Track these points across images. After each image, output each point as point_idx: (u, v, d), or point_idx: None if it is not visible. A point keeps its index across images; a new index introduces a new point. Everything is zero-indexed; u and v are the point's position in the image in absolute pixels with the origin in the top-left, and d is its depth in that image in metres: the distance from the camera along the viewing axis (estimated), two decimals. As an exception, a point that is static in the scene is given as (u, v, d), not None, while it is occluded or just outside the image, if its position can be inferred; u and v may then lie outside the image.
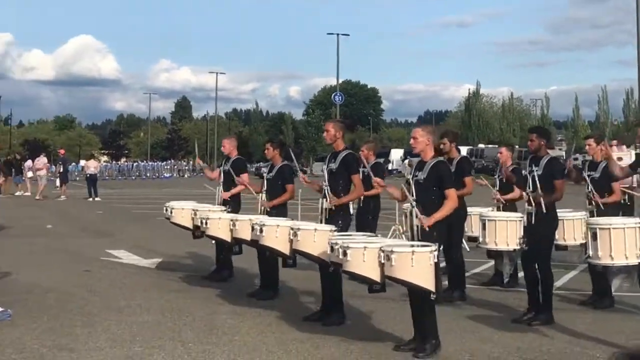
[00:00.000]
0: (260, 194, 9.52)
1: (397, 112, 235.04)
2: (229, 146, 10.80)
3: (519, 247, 8.55)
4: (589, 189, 9.18)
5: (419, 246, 6.48)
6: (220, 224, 9.16)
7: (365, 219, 10.60)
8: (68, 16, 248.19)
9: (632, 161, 8.45)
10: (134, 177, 66.61)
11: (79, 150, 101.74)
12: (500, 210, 9.89)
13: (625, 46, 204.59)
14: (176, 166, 76.08)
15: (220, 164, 11.28)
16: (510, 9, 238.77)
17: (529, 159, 8.32)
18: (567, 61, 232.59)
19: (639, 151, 11.09)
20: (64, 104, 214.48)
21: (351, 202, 10.42)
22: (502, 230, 9.01)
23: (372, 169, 10.91)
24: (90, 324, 7.80)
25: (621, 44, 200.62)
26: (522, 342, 7.27)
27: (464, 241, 10.68)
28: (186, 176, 69.64)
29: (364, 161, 9.18)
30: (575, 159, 57.27)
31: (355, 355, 6.75)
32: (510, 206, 9.98)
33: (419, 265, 6.29)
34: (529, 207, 8.05)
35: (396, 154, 67.41)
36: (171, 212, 10.67)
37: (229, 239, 9.04)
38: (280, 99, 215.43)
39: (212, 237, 9.52)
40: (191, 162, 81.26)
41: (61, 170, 33.34)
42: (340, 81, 72.12)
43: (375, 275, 6.53)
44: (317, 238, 7.41)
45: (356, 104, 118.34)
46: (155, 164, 77.20)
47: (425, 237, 6.73)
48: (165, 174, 70.40)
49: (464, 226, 9.82)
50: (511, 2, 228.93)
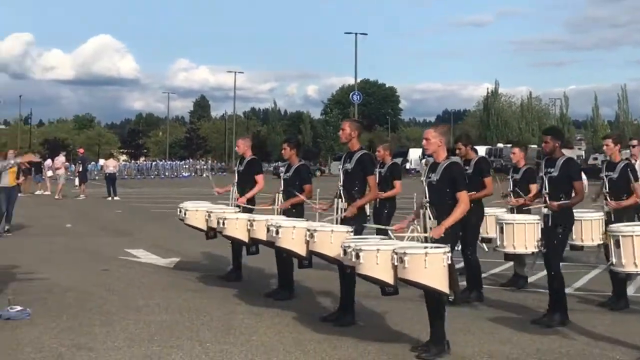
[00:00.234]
0: (278, 194, 9.48)
1: (415, 111, 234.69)
2: (243, 146, 10.77)
3: (537, 249, 8.47)
4: (606, 189, 9.09)
5: (432, 247, 6.45)
6: (237, 224, 9.15)
7: (381, 219, 10.56)
8: (87, 16, 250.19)
9: None
10: (152, 177, 66.96)
11: (98, 150, 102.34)
12: (515, 212, 9.80)
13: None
14: (195, 165, 76.33)
15: (236, 163, 11.27)
16: (527, 8, 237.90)
17: (544, 161, 8.26)
18: (585, 60, 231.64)
19: None
20: (83, 104, 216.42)
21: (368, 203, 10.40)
22: (520, 233, 8.94)
23: (389, 170, 10.93)
24: (109, 323, 7.83)
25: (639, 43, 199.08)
26: (541, 344, 7.22)
27: (483, 243, 10.62)
28: (204, 175, 69.86)
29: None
30: (595, 158, 57.16)
31: (372, 356, 6.73)
32: (526, 209, 9.89)
33: (432, 267, 6.25)
34: (546, 209, 8.00)
35: (414, 153, 67.27)
36: (185, 214, 10.68)
37: (246, 239, 9.04)
38: (298, 98, 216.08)
39: (229, 238, 9.51)
40: (209, 161, 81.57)
41: (80, 169, 33.54)
42: (358, 80, 72.13)
43: (389, 278, 6.49)
44: (334, 239, 7.37)
45: (374, 103, 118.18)
46: (174, 163, 77.51)
47: (439, 238, 6.69)
48: (184, 173, 70.69)
49: (480, 227, 9.75)
50: (528, 1, 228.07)
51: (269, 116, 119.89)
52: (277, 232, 7.94)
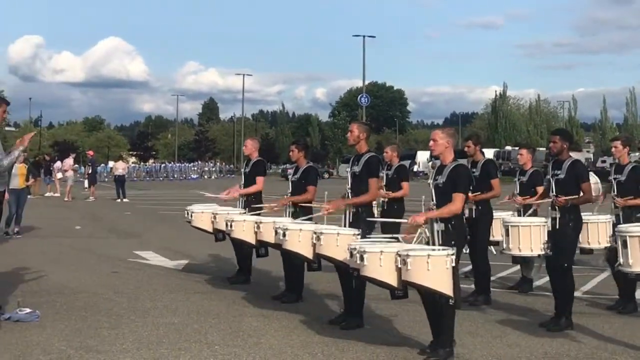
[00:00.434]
0: (286, 196, 9.48)
1: (423, 114, 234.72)
2: (250, 147, 10.79)
3: (543, 252, 8.44)
4: (614, 191, 9.06)
5: (436, 250, 6.43)
6: (245, 226, 9.15)
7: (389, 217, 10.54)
8: (97, 19, 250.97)
9: None
10: (161, 179, 67.07)
11: (108, 152, 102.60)
12: (521, 215, 9.78)
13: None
14: (203, 168, 76.37)
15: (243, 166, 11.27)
16: (535, 10, 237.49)
17: (551, 163, 8.25)
18: (594, 63, 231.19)
19: None
20: (93, 106, 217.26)
21: (376, 205, 10.38)
22: (526, 235, 8.91)
23: (396, 172, 10.91)
24: (117, 325, 7.85)
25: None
26: (549, 347, 7.21)
27: (491, 246, 10.59)
28: (213, 177, 69.93)
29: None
30: (604, 161, 56.99)
31: (381, 359, 6.73)
32: (532, 211, 9.86)
33: (435, 269, 6.23)
34: (553, 212, 7.98)
35: (422, 156, 67.14)
36: (191, 216, 10.70)
37: (253, 241, 9.03)
38: (307, 100, 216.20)
39: (237, 240, 9.50)
40: (217, 164, 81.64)
41: (90, 171, 33.65)
42: (366, 83, 72.08)
43: (393, 280, 6.47)
44: (340, 242, 7.36)
45: (382, 106, 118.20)
46: (183, 165, 77.62)
47: (445, 241, 6.68)
48: (192, 176, 70.79)
49: (490, 230, 9.73)
50: (536, 3, 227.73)
51: (277, 119, 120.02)
52: (284, 235, 7.94)
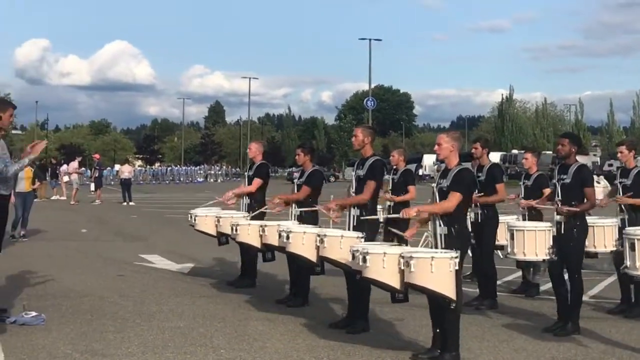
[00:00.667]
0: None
1: (429, 117, 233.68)
2: (255, 150, 10.79)
3: (548, 257, 8.40)
4: (620, 196, 9.01)
5: (440, 252, 6.40)
6: (250, 229, 9.13)
7: (397, 226, 10.51)
8: (103, 22, 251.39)
9: None
10: (167, 182, 67.15)
11: (114, 155, 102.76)
12: (526, 219, 9.74)
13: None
14: (210, 170, 76.46)
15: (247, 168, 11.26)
16: (541, 14, 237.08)
17: (557, 167, 8.21)
18: (601, 66, 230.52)
19: None
20: (99, 109, 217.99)
21: (381, 210, 10.34)
22: (531, 240, 8.86)
23: (402, 176, 10.88)
24: (123, 329, 7.84)
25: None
26: (556, 352, 7.18)
27: (497, 251, 10.55)
28: (219, 181, 69.98)
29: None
30: (610, 165, 56.85)
31: (386, 364, 6.72)
32: (537, 215, 9.83)
33: (438, 272, 6.21)
34: (558, 217, 7.95)
35: (429, 159, 67.14)
36: (195, 220, 10.68)
37: (258, 245, 9.02)
38: (313, 103, 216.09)
39: (242, 244, 9.48)
40: (224, 167, 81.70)
41: (97, 174, 33.72)
42: (372, 86, 72.03)
43: (395, 282, 6.45)
44: (344, 245, 7.34)
45: (388, 109, 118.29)
46: (189, 168, 77.71)
47: (448, 245, 6.66)
48: (198, 179, 70.89)
49: (496, 234, 9.70)
50: (543, 7, 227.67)
51: (283, 122, 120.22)
52: (287, 238, 7.92)
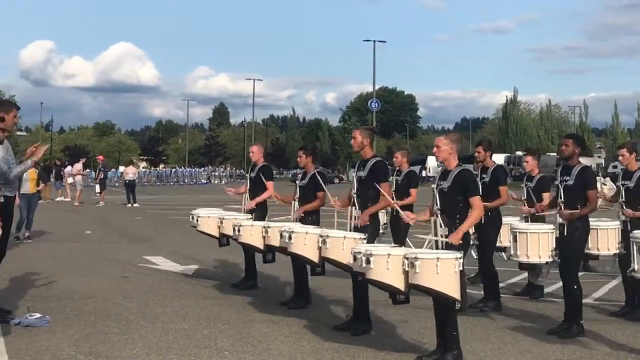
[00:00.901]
0: (294, 201, 9.46)
1: (433, 119, 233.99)
2: (257, 152, 10.79)
3: (551, 259, 8.38)
4: (623, 198, 8.99)
5: (444, 253, 6.39)
6: (252, 231, 9.12)
7: (399, 228, 10.52)
8: (108, 24, 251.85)
9: None
10: (172, 183, 67.25)
11: (118, 157, 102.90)
12: (529, 222, 9.72)
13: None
14: (214, 172, 76.49)
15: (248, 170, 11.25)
16: (545, 15, 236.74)
17: (560, 169, 8.20)
18: (605, 68, 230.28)
19: None
20: (103, 111, 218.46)
21: (384, 211, 10.35)
22: (534, 242, 8.84)
23: (405, 178, 10.87)
24: (127, 330, 7.84)
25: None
26: (561, 354, 7.16)
27: (501, 252, 10.55)
28: (223, 182, 70.01)
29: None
30: (615, 166, 56.73)
31: (391, 366, 6.70)
32: (539, 217, 9.82)
33: (443, 272, 6.20)
34: (561, 219, 7.93)
35: (433, 161, 67.06)
36: (197, 221, 10.67)
37: (261, 246, 9.01)
38: (317, 105, 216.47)
39: (245, 245, 9.48)
40: (228, 168, 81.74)
41: (102, 176, 33.75)
42: (376, 88, 72.10)
43: (399, 284, 6.43)
44: (346, 246, 7.31)
45: (393, 111, 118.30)
46: (193, 170, 77.78)
47: (449, 246, 6.65)
48: (202, 180, 70.96)
49: (498, 236, 9.69)
50: (546, 8, 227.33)
51: (287, 123, 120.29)
52: (289, 238, 7.91)
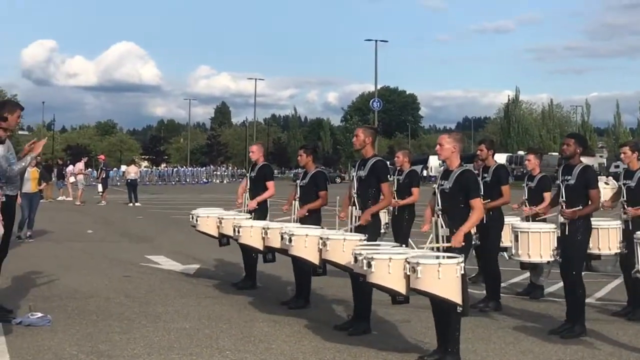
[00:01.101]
0: (294, 201, 9.44)
1: (435, 118, 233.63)
2: (257, 152, 10.77)
3: (552, 259, 8.36)
4: (624, 197, 8.96)
5: (446, 258, 6.38)
6: (252, 232, 9.08)
7: (400, 227, 10.52)
8: (110, 23, 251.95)
9: None
10: (173, 183, 67.22)
11: (120, 156, 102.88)
12: (530, 221, 9.70)
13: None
14: (215, 171, 76.49)
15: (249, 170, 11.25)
16: (546, 15, 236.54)
17: (561, 168, 8.18)
18: (607, 68, 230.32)
19: None
20: (105, 110, 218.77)
21: (386, 211, 10.32)
22: (536, 242, 8.82)
23: (407, 177, 10.85)
24: (128, 330, 7.83)
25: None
26: (563, 354, 7.15)
27: (503, 252, 10.52)
28: (225, 182, 70.02)
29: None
30: (617, 166, 56.69)
31: (392, 366, 6.69)
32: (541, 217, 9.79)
33: (445, 278, 6.17)
34: (563, 218, 7.91)
35: (434, 160, 67.03)
36: (197, 221, 10.65)
37: (261, 247, 8.99)
38: (319, 105, 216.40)
39: (244, 246, 9.46)
40: (230, 168, 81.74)
41: (104, 175, 33.75)
42: (378, 87, 72.03)
43: (401, 287, 6.41)
44: (346, 247, 7.28)
45: (394, 111, 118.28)
46: (195, 169, 77.77)
47: (450, 248, 6.63)
48: (204, 179, 70.97)
49: (501, 236, 9.67)
50: (547, 8, 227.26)
51: (289, 123, 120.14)
52: (290, 240, 7.89)
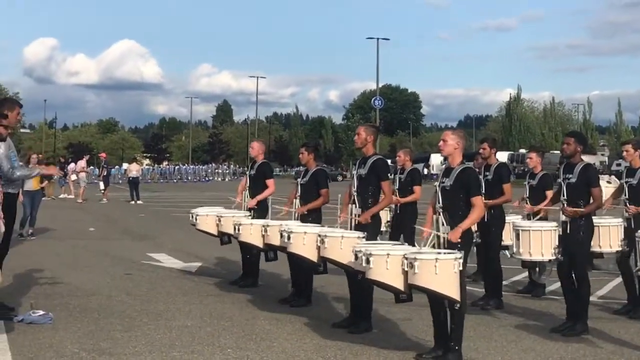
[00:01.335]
0: (295, 199, 9.43)
1: (437, 116, 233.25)
2: (257, 149, 10.75)
3: (554, 257, 8.36)
4: (626, 195, 8.95)
5: (444, 253, 6.37)
6: (252, 229, 9.07)
7: (402, 225, 10.50)
8: (111, 21, 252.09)
9: None
10: (175, 181, 67.26)
11: (122, 154, 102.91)
12: (532, 219, 9.69)
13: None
14: (217, 169, 76.52)
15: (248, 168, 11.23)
16: (548, 13, 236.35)
17: (562, 167, 8.17)
18: (609, 66, 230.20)
19: None
20: (107, 108, 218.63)
21: (387, 209, 10.30)
22: (537, 240, 8.81)
23: (409, 175, 10.83)
24: (130, 328, 7.83)
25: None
26: (565, 352, 7.15)
27: (505, 250, 10.51)
28: (227, 180, 70.03)
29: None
30: (619, 164, 56.67)
31: (394, 364, 6.69)
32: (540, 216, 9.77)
33: (442, 273, 6.17)
34: (564, 216, 7.91)
35: (436, 158, 67.02)
36: (196, 219, 10.64)
37: (261, 245, 8.98)
38: (320, 103, 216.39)
39: (244, 244, 9.45)
40: (231, 166, 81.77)
41: (105, 173, 33.77)
42: (380, 85, 71.97)
43: (399, 284, 6.41)
44: (344, 245, 7.29)
45: (396, 109, 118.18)
46: (197, 167, 77.80)
47: (450, 245, 6.62)
48: (208, 177, 71.02)
49: (502, 234, 9.66)
50: (549, 6, 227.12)
51: (290, 121, 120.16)
52: (288, 238, 7.89)
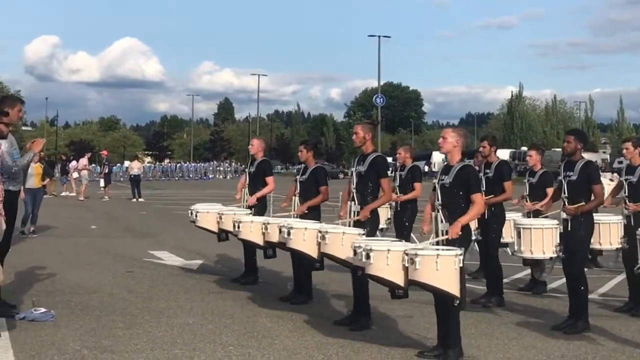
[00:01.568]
0: (294, 196, 9.43)
1: (438, 114, 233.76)
2: (257, 146, 10.75)
3: (555, 255, 8.36)
4: (626, 193, 8.94)
5: (444, 249, 6.38)
6: (252, 227, 9.07)
7: (402, 222, 10.51)
8: (113, 19, 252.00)
9: None
10: (177, 178, 67.29)
11: (123, 151, 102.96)
12: (532, 217, 9.69)
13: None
14: (218, 167, 76.53)
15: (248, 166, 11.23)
16: (549, 11, 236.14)
17: (563, 164, 8.17)
18: (610, 63, 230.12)
19: None
20: (108, 106, 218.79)
21: (388, 206, 10.31)
22: (538, 238, 8.81)
23: (409, 172, 10.85)
24: (132, 325, 7.84)
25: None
26: (566, 350, 7.15)
27: (506, 248, 10.52)
28: (228, 177, 70.04)
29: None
30: (620, 162, 56.67)
31: (395, 361, 6.69)
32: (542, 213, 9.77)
33: (443, 269, 6.18)
34: (565, 214, 7.91)
35: (438, 156, 67.01)
36: (196, 216, 10.63)
37: (261, 242, 8.98)
38: (322, 100, 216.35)
39: (244, 241, 9.45)
40: (233, 164, 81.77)
41: (106, 171, 33.80)
42: (381, 83, 71.97)
43: (399, 279, 6.41)
44: (345, 241, 7.30)
45: (397, 106, 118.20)
46: (198, 165, 77.83)
47: (450, 241, 6.63)
48: (210, 175, 71.05)
49: (502, 232, 9.66)
50: (550, 4, 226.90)
51: (292, 119, 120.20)
52: (288, 234, 7.89)
